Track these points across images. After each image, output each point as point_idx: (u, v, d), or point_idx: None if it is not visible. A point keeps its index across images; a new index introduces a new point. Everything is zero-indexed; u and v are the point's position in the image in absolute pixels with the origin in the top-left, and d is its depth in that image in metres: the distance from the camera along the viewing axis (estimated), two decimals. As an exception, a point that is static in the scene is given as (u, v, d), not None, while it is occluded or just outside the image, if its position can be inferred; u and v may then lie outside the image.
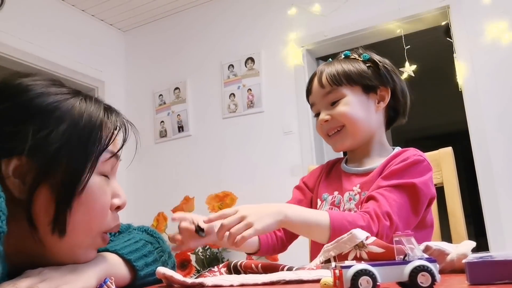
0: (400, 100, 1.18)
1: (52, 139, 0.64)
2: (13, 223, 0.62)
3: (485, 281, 0.49)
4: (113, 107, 0.75)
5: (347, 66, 1.14)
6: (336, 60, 1.19)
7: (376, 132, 1.16)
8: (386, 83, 1.15)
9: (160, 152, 3.73)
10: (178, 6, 3.79)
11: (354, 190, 1.11)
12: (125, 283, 0.75)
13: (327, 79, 1.13)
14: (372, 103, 1.14)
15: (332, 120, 1.13)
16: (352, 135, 1.13)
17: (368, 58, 1.16)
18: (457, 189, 1.24)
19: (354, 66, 1.14)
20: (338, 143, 1.15)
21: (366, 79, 1.13)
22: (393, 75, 1.17)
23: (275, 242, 1.18)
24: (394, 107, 1.19)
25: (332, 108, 1.13)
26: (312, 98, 1.18)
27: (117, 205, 0.73)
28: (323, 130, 1.16)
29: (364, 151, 1.16)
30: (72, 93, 0.71)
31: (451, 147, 1.27)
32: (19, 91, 0.67)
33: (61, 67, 3.41)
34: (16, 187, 0.63)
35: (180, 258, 2.98)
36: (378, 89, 1.15)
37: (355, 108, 1.11)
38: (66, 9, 3.61)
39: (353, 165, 1.18)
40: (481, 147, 2.67)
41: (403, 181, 1.01)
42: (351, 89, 1.13)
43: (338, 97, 1.12)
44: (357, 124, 1.12)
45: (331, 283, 0.51)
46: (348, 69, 1.13)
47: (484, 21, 2.74)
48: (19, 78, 0.69)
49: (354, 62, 1.15)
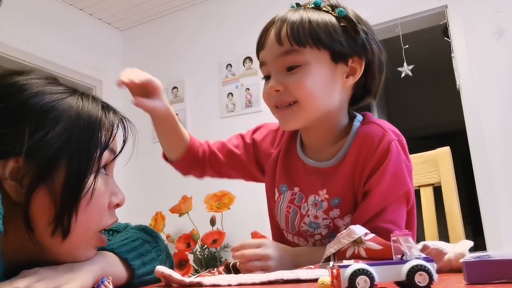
0: (375, 76, 0.94)
1: (49, 140, 0.63)
2: (10, 223, 0.61)
3: (483, 280, 0.49)
4: (110, 105, 0.75)
5: (318, 19, 0.87)
6: (303, 8, 0.91)
7: (336, 112, 0.93)
8: (362, 53, 0.90)
9: (158, 151, 3.70)
10: (176, 5, 3.79)
11: (321, 195, 0.93)
12: (122, 282, 0.75)
13: (287, 34, 0.86)
14: (339, 76, 0.89)
15: (284, 92, 0.88)
16: (307, 114, 0.90)
17: (345, 15, 0.90)
18: (455, 189, 1.24)
19: (325, 24, 0.87)
20: (288, 122, 0.92)
21: (338, 43, 0.87)
22: (373, 43, 0.92)
23: (200, 159, 1.10)
24: (365, 85, 0.95)
25: (287, 75, 0.88)
26: (265, 55, 0.92)
27: (115, 203, 0.73)
28: (271, 100, 0.92)
29: (321, 136, 0.94)
30: (69, 92, 0.70)
31: (449, 146, 1.27)
32: (14, 91, 0.66)
33: (58, 66, 3.40)
34: (13, 190, 0.63)
35: (178, 258, 2.98)
36: (349, 59, 0.89)
37: (317, 81, 0.87)
38: (64, 8, 3.60)
39: (309, 152, 0.97)
40: (478, 147, 2.67)
41: (401, 194, 0.89)
42: (317, 56, 0.87)
43: (297, 62, 0.87)
44: (315, 102, 0.88)
45: (328, 282, 0.51)
46: (318, 24, 0.86)
47: (482, 21, 2.75)
48: (14, 76, 0.69)
49: (325, 16, 0.88)
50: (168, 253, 0.89)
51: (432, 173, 1.27)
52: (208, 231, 3.02)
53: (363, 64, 0.90)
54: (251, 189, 3.25)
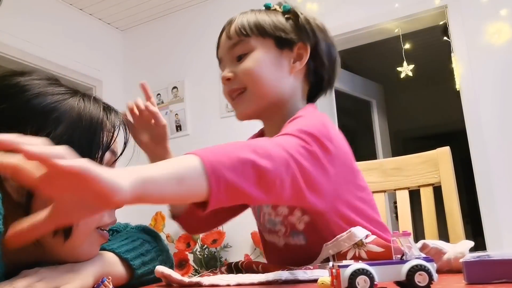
0: (324, 63, 0.96)
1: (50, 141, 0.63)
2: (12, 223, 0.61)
3: (482, 280, 0.49)
4: (111, 106, 0.75)
5: (262, 16, 0.94)
6: (252, 10, 0.98)
7: (289, 100, 0.93)
8: (306, 38, 0.94)
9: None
10: (176, 5, 3.79)
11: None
12: (122, 282, 0.75)
13: (235, 29, 0.93)
14: (286, 62, 0.92)
15: (235, 79, 0.92)
16: (257, 99, 0.92)
17: (289, 9, 0.96)
18: (455, 189, 1.24)
19: (270, 17, 0.94)
20: (240, 108, 0.94)
21: (280, 30, 0.92)
22: (316, 29, 0.95)
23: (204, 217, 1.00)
24: (316, 72, 0.96)
25: (237, 64, 0.92)
26: (220, 53, 0.98)
27: None
28: (226, 91, 0.95)
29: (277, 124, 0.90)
30: (70, 93, 0.70)
31: (449, 146, 1.27)
32: (16, 92, 0.66)
33: (58, 66, 3.40)
34: (14, 190, 0.63)
35: (178, 258, 2.98)
36: (295, 46, 0.93)
37: (263, 65, 0.90)
38: (64, 8, 3.60)
39: None
40: (478, 147, 2.67)
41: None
42: (262, 42, 0.92)
43: (245, 51, 0.92)
44: (263, 86, 0.90)
45: (328, 282, 0.51)
46: (261, 19, 0.93)
47: (482, 21, 2.75)
48: (15, 77, 0.68)
49: (272, 13, 0.96)
50: (168, 253, 0.89)
51: (432, 173, 1.27)
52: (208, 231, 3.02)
53: (308, 49, 0.93)
54: (251, 189, 3.26)
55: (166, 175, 0.53)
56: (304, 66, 0.94)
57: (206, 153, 0.58)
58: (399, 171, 1.33)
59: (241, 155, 0.60)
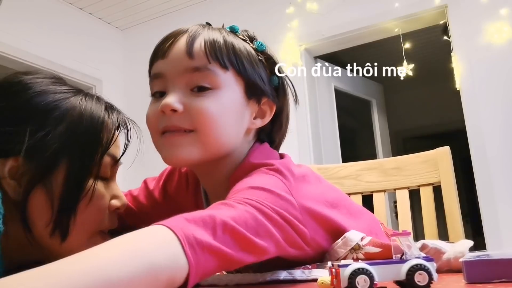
0: (282, 127, 0.82)
1: (50, 140, 0.63)
2: (11, 223, 0.61)
3: (482, 280, 0.49)
4: (114, 106, 0.74)
5: (238, 46, 0.75)
6: (219, 28, 0.78)
7: (235, 152, 0.75)
8: (275, 96, 0.78)
9: (157, 151, 3.71)
10: (176, 4, 3.79)
11: None
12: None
13: (205, 48, 0.72)
14: (247, 115, 0.75)
15: (183, 115, 0.70)
16: (205, 148, 0.71)
17: (264, 49, 0.79)
18: (454, 189, 1.24)
19: (248, 52, 0.76)
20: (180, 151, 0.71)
21: (257, 76, 0.75)
22: (288, 89, 0.82)
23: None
24: (270, 134, 0.81)
25: (191, 96, 0.71)
26: (164, 67, 0.76)
27: (116, 206, 0.72)
28: (160, 122, 0.72)
29: (214, 174, 0.76)
30: (73, 92, 0.69)
31: (449, 146, 1.27)
32: (18, 90, 0.66)
33: (58, 65, 3.40)
34: (11, 188, 0.63)
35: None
36: (262, 99, 0.77)
37: (226, 112, 0.71)
38: (64, 7, 3.60)
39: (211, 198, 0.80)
40: (478, 146, 2.67)
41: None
42: (233, 82, 0.73)
43: (208, 84, 0.71)
44: (217, 135, 0.71)
45: (328, 282, 0.51)
46: (239, 49, 0.74)
47: (482, 21, 2.75)
48: (19, 76, 0.68)
49: (246, 44, 0.77)
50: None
51: (432, 173, 1.27)
52: (208, 231, 3.02)
53: (274, 109, 0.78)
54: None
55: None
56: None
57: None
58: (399, 170, 1.33)
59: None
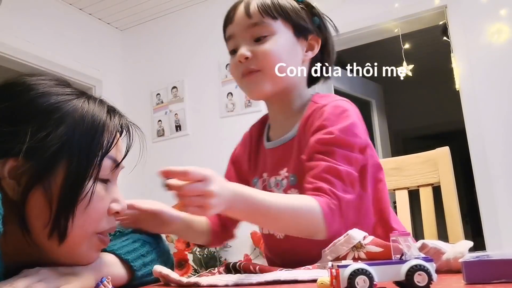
0: (330, 55, 1.03)
1: (50, 141, 0.63)
2: (9, 224, 0.61)
3: (482, 280, 0.49)
4: (117, 109, 0.74)
5: (282, 1, 0.96)
6: None
7: (297, 86, 0.99)
8: (319, 32, 1.00)
9: (157, 151, 3.72)
10: (176, 4, 3.79)
11: (281, 175, 0.96)
12: (122, 283, 0.75)
13: (258, 8, 0.94)
14: (300, 50, 0.98)
15: (252, 59, 0.93)
16: (272, 82, 0.94)
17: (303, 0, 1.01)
18: (454, 189, 1.24)
19: (289, 3, 0.97)
20: (255, 87, 0.96)
21: (301, 19, 0.97)
22: (327, 24, 1.04)
23: (222, 230, 1.07)
24: (322, 61, 1.02)
25: (255, 44, 0.94)
26: (232, 29, 0.97)
27: (115, 210, 0.72)
28: (239, 69, 0.96)
29: (283, 108, 1.00)
30: (76, 94, 0.69)
31: (448, 146, 1.27)
32: (21, 91, 0.66)
33: (58, 65, 3.40)
34: (11, 188, 0.63)
35: (177, 258, 2.98)
36: (309, 36, 0.99)
37: (283, 50, 0.94)
38: (63, 7, 3.60)
39: (274, 132, 1.03)
40: (478, 147, 2.67)
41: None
42: (283, 27, 0.95)
43: (266, 33, 0.93)
44: (280, 70, 0.93)
45: (328, 282, 0.51)
46: (283, 3, 0.96)
47: (481, 21, 2.75)
48: (24, 77, 0.69)
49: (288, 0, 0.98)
50: (168, 253, 0.89)
51: (432, 173, 1.27)
52: (208, 231, 3.02)
53: (319, 42, 1.00)
54: (250, 189, 3.26)
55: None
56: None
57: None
58: (398, 171, 1.33)
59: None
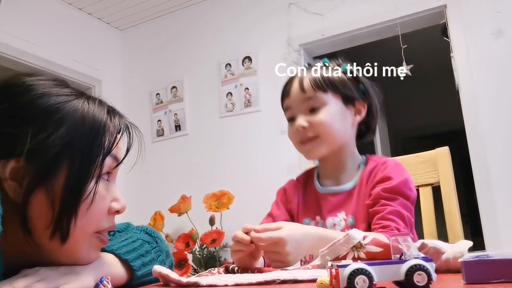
0: (374, 116, 1.18)
1: (51, 142, 0.63)
2: (10, 224, 0.61)
3: (481, 280, 0.49)
4: (116, 110, 0.74)
5: (331, 74, 1.12)
6: (315, 66, 1.16)
7: (349, 145, 1.14)
8: (364, 97, 1.15)
9: (157, 151, 3.72)
10: (175, 4, 3.79)
11: (339, 216, 1.09)
12: (122, 283, 0.75)
13: (310, 83, 1.10)
14: (349, 115, 1.13)
15: (309, 128, 1.10)
16: (328, 146, 1.10)
17: (347, 69, 1.15)
18: (454, 189, 1.24)
19: (337, 76, 1.13)
20: (313, 151, 1.12)
21: (348, 89, 1.12)
22: (371, 90, 1.17)
23: None
24: (367, 123, 1.18)
25: (311, 115, 1.10)
26: (289, 102, 1.14)
27: (116, 209, 0.72)
28: (297, 136, 1.12)
29: (337, 165, 1.15)
30: (75, 94, 0.69)
31: (448, 146, 1.27)
32: (20, 91, 0.66)
33: (58, 65, 3.40)
34: (12, 190, 0.62)
35: (177, 257, 2.98)
36: (356, 102, 1.14)
37: (335, 118, 1.10)
38: (63, 7, 3.60)
39: (327, 182, 1.16)
40: (477, 147, 2.67)
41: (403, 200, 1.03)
42: (333, 98, 1.11)
43: (319, 104, 1.09)
44: (333, 135, 1.10)
45: (327, 282, 0.51)
46: (332, 77, 1.11)
47: (481, 21, 2.75)
48: (22, 77, 0.68)
49: (334, 71, 1.14)
50: (168, 253, 0.89)
51: (431, 173, 1.27)
52: (207, 231, 3.02)
53: (366, 106, 1.15)
54: (250, 189, 3.26)
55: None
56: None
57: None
58: (398, 170, 1.32)
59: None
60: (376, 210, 1.02)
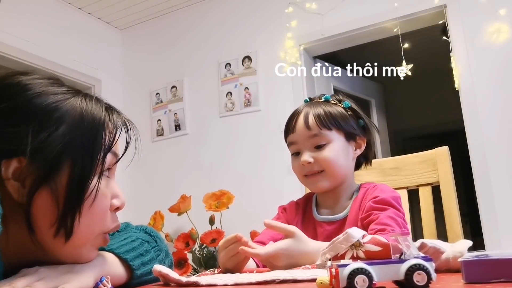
0: (371, 149, 1.24)
1: (52, 141, 0.63)
2: (12, 223, 0.61)
3: (481, 280, 0.49)
4: (114, 107, 0.74)
5: (333, 110, 1.16)
6: (317, 102, 1.20)
7: (348, 177, 1.20)
8: (364, 132, 1.21)
9: (157, 151, 3.72)
10: (175, 4, 3.78)
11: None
12: (121, 282, 0.75)
13: (315, 121, 1.15)
14: (351, 150, 1.19)
15: (314, 163, 1.14)
16: (331, 179, 1.16)
17: (349, 106, 1.20)
18: (453, 188, 1.24)
19: (339, 112, 1.17)
20: (318, 184, 1.17)
21: (350, 126, 1.17)
22: (370, 125, 1.23)
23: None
24: (365, 155, 1.24)
25: (316, 151, 1.15)
26: (294, 138, 1.18)
27: (116, 206, 0.72)
28: (303, 170, 1.17)
29: (335, 195, 1.19)
30: (72, 92, 0.69)
31: (447, 146, 1.27)
32: (17, 91, 0.66)
33: (57, 65, 3.40)
34: (15, 190, 0.62)
35: (177, 257, 2.98)
36: (357, 137, 1.19)
37: (339, 154, 1.15)
38: (63, 7, 3.59)
39: (324, 211, 1.21)
40: (477, 146, 2.67)
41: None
42: (337, 135, 1.16)
43: (323, 141, 1.14)
44: (337, 170, 1.15)
45: (327, 282, 0.51)
46: (335, 114, 1.16)
47: (480, 21, 2.75)
48: (17, 76, 0.68)
49: (337, 108, 1.18)
50: (167, 252, 0.89)
51: (431, 173, 1.27)
52: (207, 230, 3.02)
53: (365, 141, 1.21)
54: (250, 189, 3.27)
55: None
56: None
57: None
58: (398, 170, 1.33)
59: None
60: (370, 219, 1.07)
